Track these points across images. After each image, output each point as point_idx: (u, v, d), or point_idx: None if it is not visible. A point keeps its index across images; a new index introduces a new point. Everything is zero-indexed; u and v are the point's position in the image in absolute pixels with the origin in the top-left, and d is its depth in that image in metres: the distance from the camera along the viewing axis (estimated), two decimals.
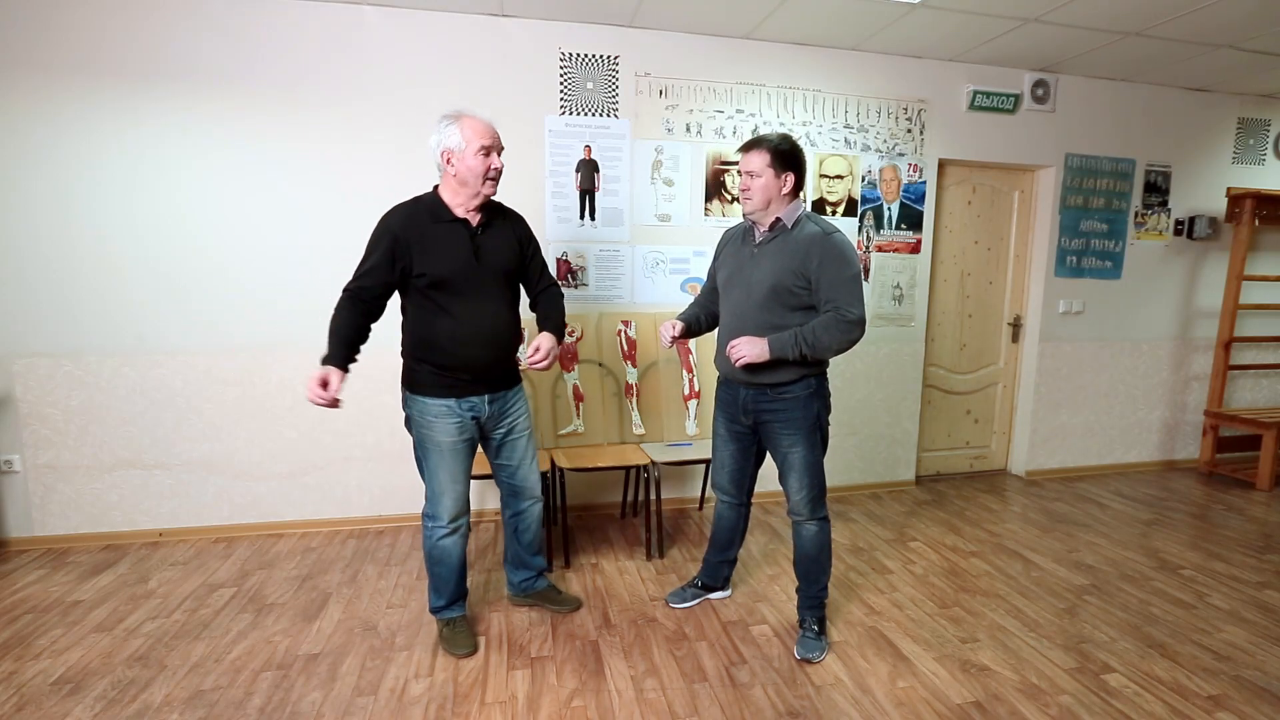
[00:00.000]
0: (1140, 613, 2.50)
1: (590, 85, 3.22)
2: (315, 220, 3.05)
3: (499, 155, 2.04)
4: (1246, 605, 2.56)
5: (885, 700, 1.97)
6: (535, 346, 2.13)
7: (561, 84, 3.19)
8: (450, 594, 2.23)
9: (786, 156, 2.04)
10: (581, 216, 3.30)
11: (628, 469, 3.27)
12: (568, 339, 3.20)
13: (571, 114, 3.22)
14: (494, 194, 2.09)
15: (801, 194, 2.19)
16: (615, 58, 3.22)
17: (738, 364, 2.03)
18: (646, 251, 3.39)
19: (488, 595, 2.58)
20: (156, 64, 2.83)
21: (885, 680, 2.07)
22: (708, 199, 3.42)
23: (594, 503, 3.50)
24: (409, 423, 2.19)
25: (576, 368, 3.21)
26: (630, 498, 3.44)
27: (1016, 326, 4.16)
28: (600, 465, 2.89)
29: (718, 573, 2.51)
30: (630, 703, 1.94)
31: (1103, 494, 3.90)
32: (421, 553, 2.96)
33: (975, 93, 3.63)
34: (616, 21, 3.15)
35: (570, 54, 3.18)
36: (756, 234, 2.15)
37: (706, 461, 2.96)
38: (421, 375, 2.14)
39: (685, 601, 2.49)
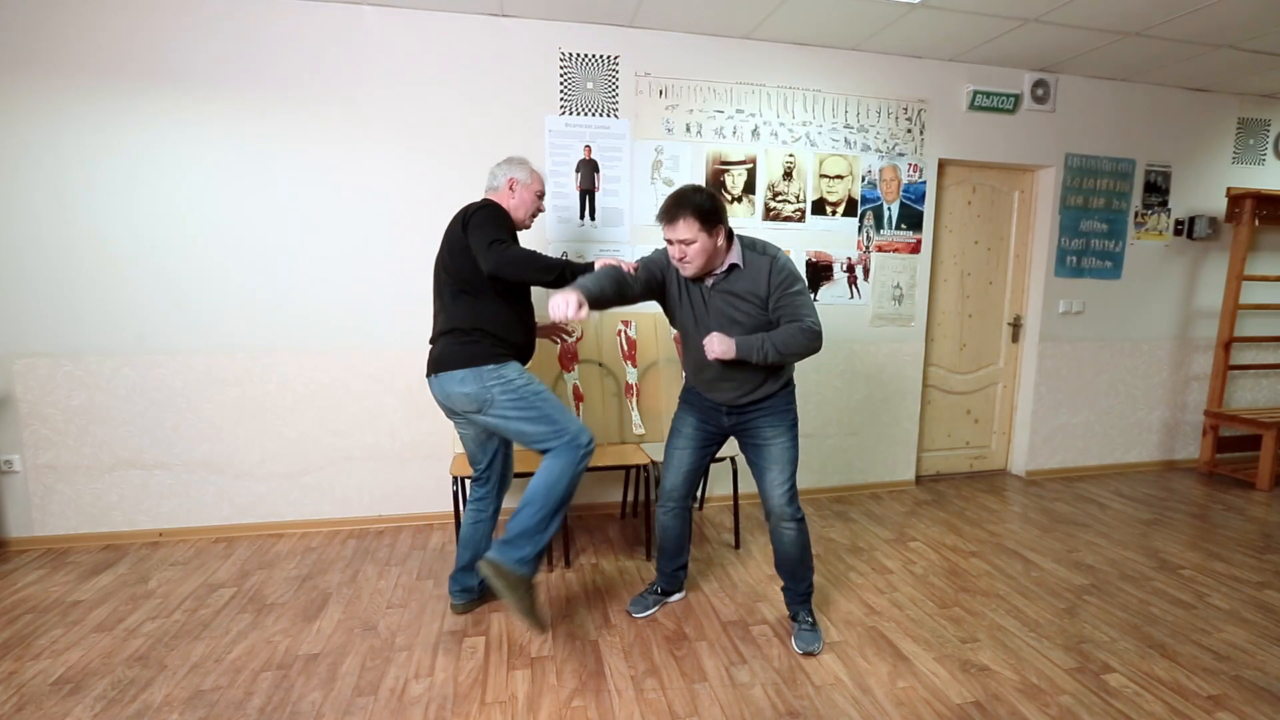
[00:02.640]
0: (1140, 613, 2.50)
1: (590, 85, 3.22)
2: (315, 220, 3.05)
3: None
4: (1246, 605, 2.56)
5: (885, 700, 1.97)
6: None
7: (561, 84, 3.19)
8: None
9: (710, 214, 1.96)
10: (581, 216, 3.30)
11: (628, 469, 3.27)
12: (567, 339, 3.20)
13: (571, 114, 3.22)
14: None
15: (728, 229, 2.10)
16: (615, 58, 3.22)
17: (711, 359, 2.05)
18: (646, 251, 3.37)
19: (488, 595, 2.58)
20: (157, 64, 2.83)
21: (885, 680, 2.07)
22: None
23: (594, 503, 3.50)
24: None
25: (576, 368, 3.20)
26: (630, 498, 3.44)
27: (1016, 326, 4.16)
28: (600, 465, 2.89)
29: (675, 579, 2.52)
30: (630, 703, 1.94)
31: (1103, 494, 3.90)
32: (422, 553, 2.98)
33: (975, 93, 3.63)
34: (616, 21, 3.15)
35: (570, 54, 3.18)
36: (708, 278, 2.10)
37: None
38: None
39: (647, 609, 2.45)
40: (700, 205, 1.96)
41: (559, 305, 1.77)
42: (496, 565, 1.99)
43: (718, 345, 2.03)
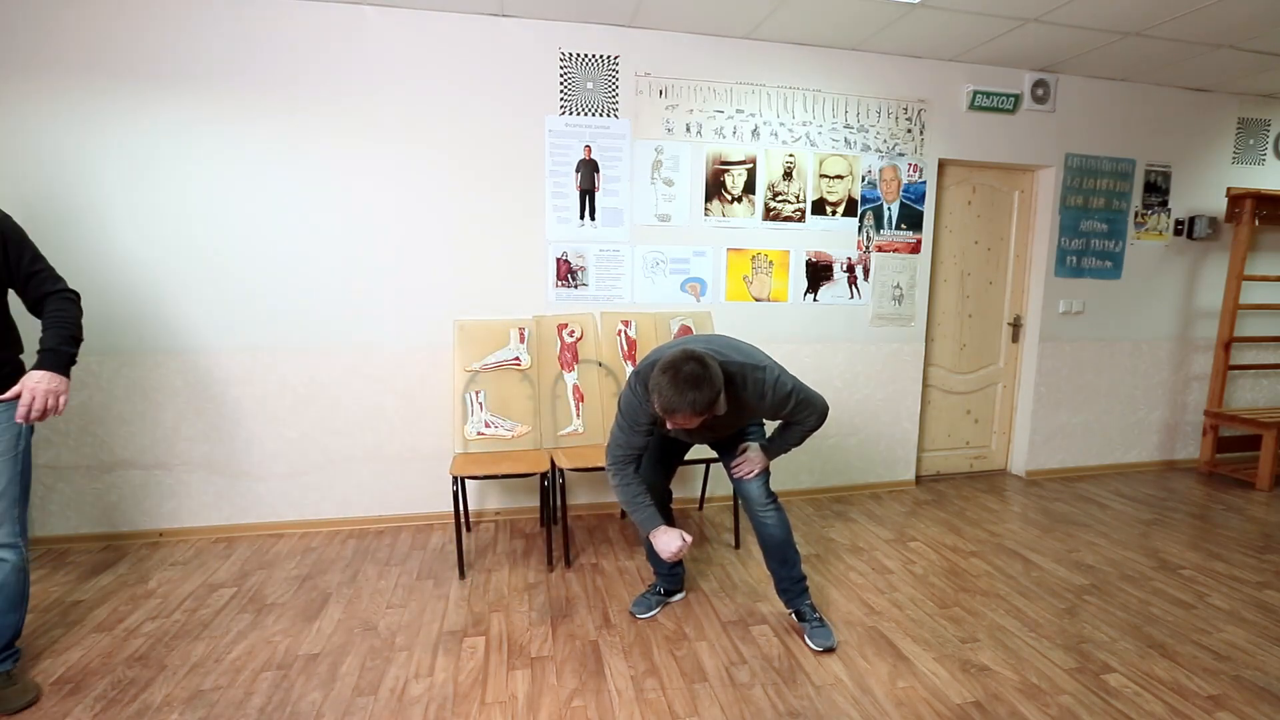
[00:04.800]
0: (1140, 613, 2.50)
1: (590, 85, 3.22)
2: (315, 220, 3.05)
3: None
4: (1246, 605, 2.56)
5: (885, 700, 1.97)
6: (19, 389, 1.82)
7: (561, 84, 3.19)
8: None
9: (712, 401, 1.85)
10: (581, 216, 3.30)
11: None
12: (567, 338, 3.21)
13: (571, 114, 3.22)
14: None
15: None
16: (615, 58, 3.22)
17: (748, 477, 2.24)
18: (646, 251, 3.39)
19: (488, 595, 2.58)
20: (157, 64, 2.83)
21: (885, 680, 2.07)
22: (708, 199, 3.42)
23: (594, 503, 3.50)
24: None
25: (576, 368, 3.21)
26: None
27: (1016, 326, 4.16)
28: (600, 465, 2.88)
29: (674, 577, 2.52)
30: (630, 703, 1.94)
31: (1103, 494, 3.90)
32: (422, 553, 2.98)
33: (975, 93, 3.63)
34: (616, 21, 3.15)
35: (570, 54, 3.18)
36: None
37: (706, 461, 2.96)
38: None
39: (650, 610, 2.46)
40: (699, 404, 1.82)
41: (675, 547, 2.04)
42: None
43: (758, 463, 2.21)
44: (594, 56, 3.20)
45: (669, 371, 1.83)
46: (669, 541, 2.04)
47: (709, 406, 1.85)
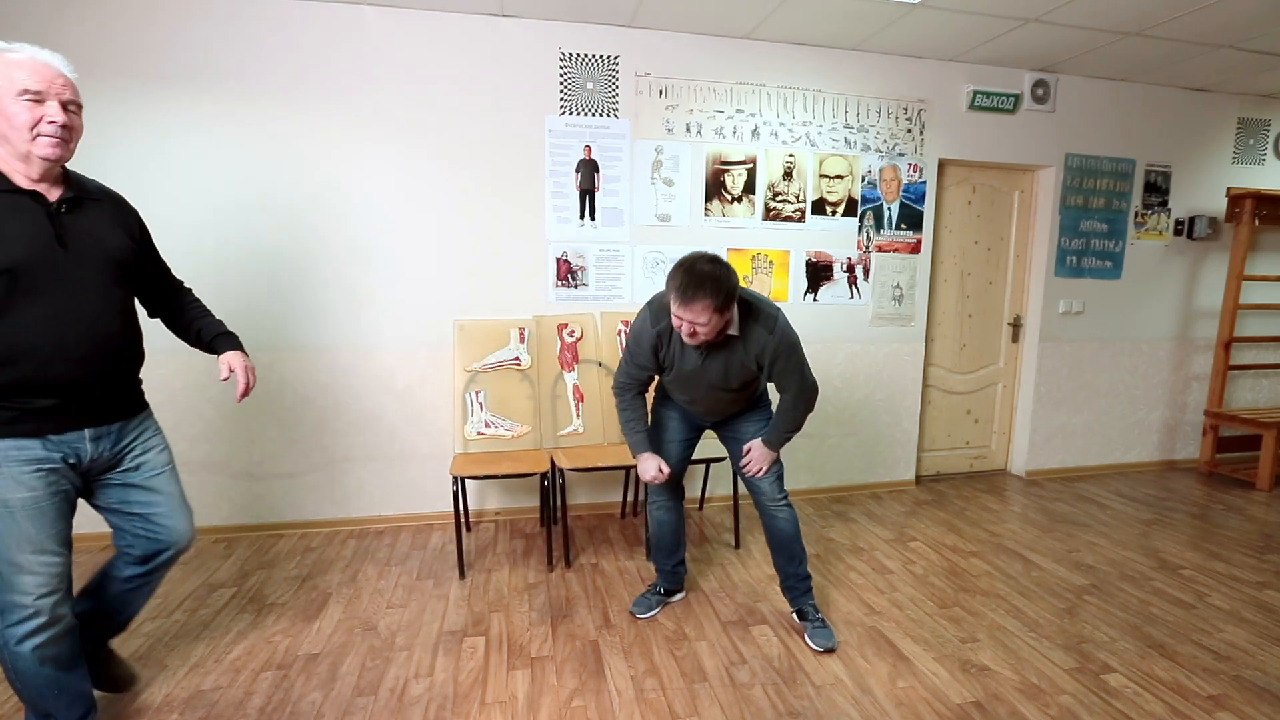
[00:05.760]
0: (1140, 613, 2.50)
1: (590, 85, 3.22)
2: (315, 220, 3.05)
3: (66, 109, 1.44)
4: (1246, 605, 2.56)
5: (885, 700, 1.97)
6: (229, 368, 1.81)
7: (561, 84, 3.19)
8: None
9: (727, 300, 1.88)
10: (581, 216, 3.30)
11: (628, 469, 3.26)
12: (567, 338, 3.21)
13: (571, 114, 3.22)
14: (58, 158, 1.45)
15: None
16: (615, 58, 3.22)
17: (759, 475, 2.25)
18: (646, 251, 3.39)
19: (488, 595, 2.58)
20: (156, 64, 2.83)
21: (885, 680, 2.07)
22: (708, 199, 3.42)
23: (594, 503, 3.50)
24: None
25: (576, 368, 3.21)
26: (630, 498, 3.44)
27: (1016, 326, 4.16)
28: (600, 465, 2.89)
29: (676, 576, 2.52)
30: (630, 703, 1.94)
31: (1103, 494, 3.90)
32: (422, 553, 2.98)
33: (975, 93, 3.63)
34: (616, 21, 3.15)
35: (570, 54, 3.18)
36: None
37: (707, 461, 2.96)
38: None
39: (651, 610, 2.45)
40: (718, 292, 1.85)
41: (652, 473, 2.19)
42: None
43: (762, 459, 2.23)
44: (594, 56, 3.20)
45: (686, 264, 1.89)
46: (647, 467, 2.20)
47: (724, 302, 1.86)
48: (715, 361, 2.08)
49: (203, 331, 1.88)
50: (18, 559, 1.46)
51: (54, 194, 1.49)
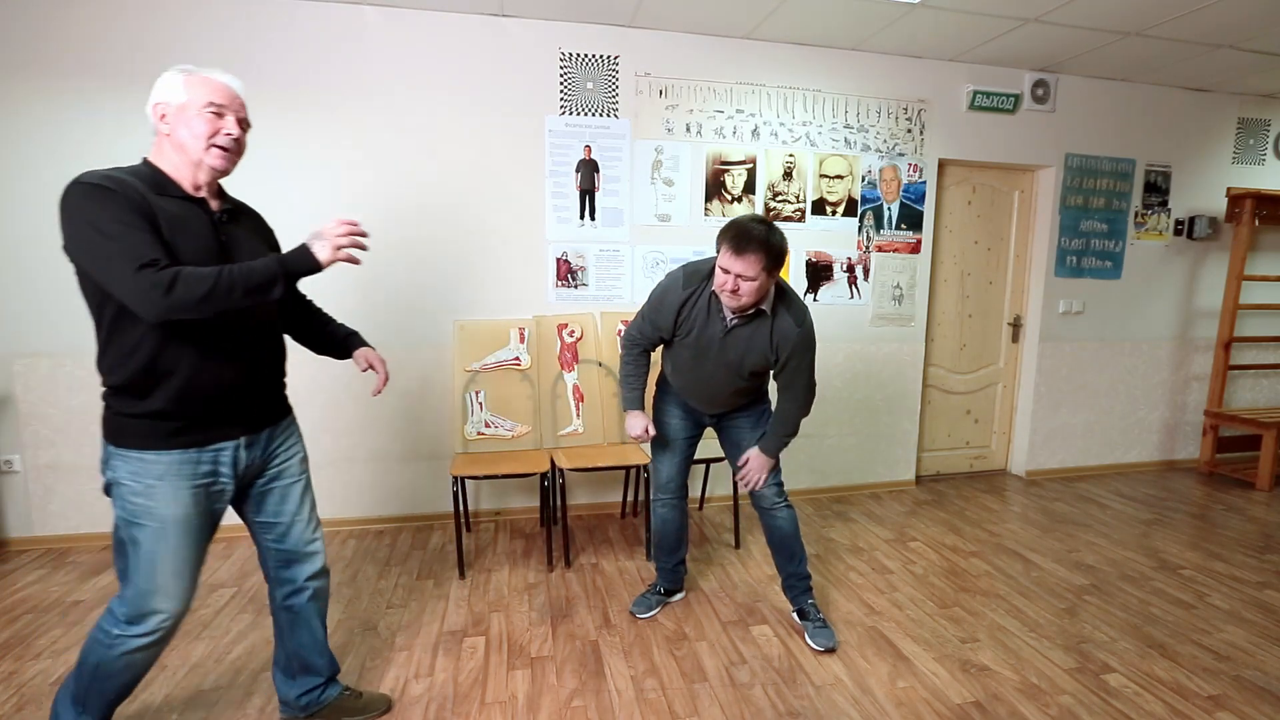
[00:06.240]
0: (1140, 613, 2.50)
1: (590, 85, 3.22)
2: (315, 220, 3.04)
3: (240, 125, 1.53)
4: (1246, 605, 2.56)
5: (885, 700, 1.97)
6: (367, 363, 1.84)
7: (561, 84, 3.19)
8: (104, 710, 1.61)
9: (779, 261, 1.91)
10: (581, 216, 3.30)
11: (628, 469, 3.27)
12: (567, 338, 3.21)
13: (571, 114, 3.22)
14: (225, 170, 1.52)
15: None
16: (615, 58, 3.22)
17: (758, 487, 2.23)
18: (646, 251, 3.39)
19: (488, 595, 2.58)
20: (157, 64, 2.79)
21: (885, 680, 2.07)
22: (708, 199, 3.42)
23: (594, 503, 3.50)
24: (109, 489, 1.47)
25: (576, 368, 3.21)
26: (630, 498, 3.44)
27: (1016, 326, 4.16)
28: (600, 465, 2.90)
29: (676, 576, 2.52)
30: (630, 703, 1.94)
31: (1103, 494, 3.90)
32: (422, 553, 2.98)
33: (975, 93, 3.63)
34: (616, 21, 3.15)
35: (570, 54, 3.18)
36: (727, 315, 2.04)
37: (707, 461, 2.96)
38: (132, 417, 1.45)
39: (651, 610, 2.46)
40: (773, 251, 1.88)
41: (638, 431, 2.21)
42: None
43: (761, 469, 2.20)
44: (594, 56, 3.20)
45: (742, 220, 1.93)
46: (634, 424, 2.24)
47: (773, 263, 1.90)
48: (737, 339, 2.06)
49: (335, 332, 1.90)
50: (158, 576, 1.46)
51: (214, 204, 1.54)
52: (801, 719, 1.89)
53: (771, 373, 2.16)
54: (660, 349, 2.28)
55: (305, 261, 1.48)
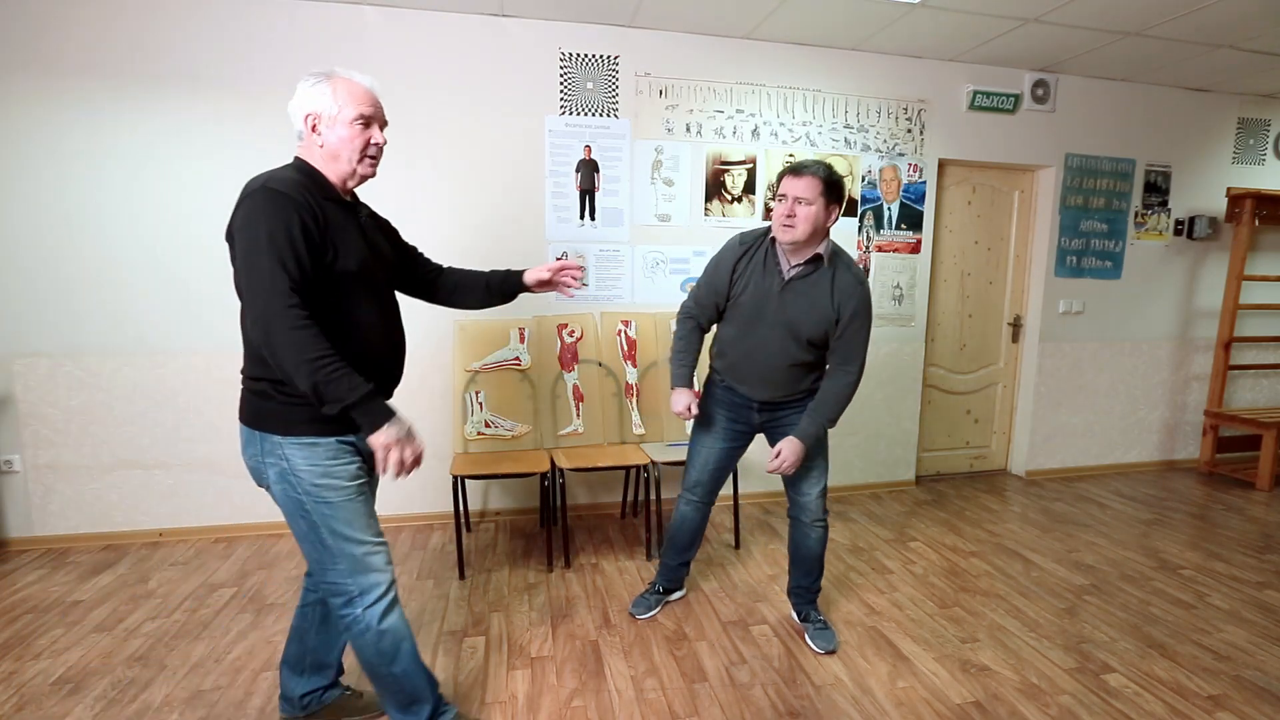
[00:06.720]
0: (1140, 613, 2.50)
1: (590, 85, 3.22)
2: None
3: (381, 129, 1.57)
4: (1246, 605, 2.56)
5: (885, 700, 1.97)
6: (550, 273, 1.90)
7: (561, 84, 3.19)
8: (433, 689, 1.69)
9: (838, 188, 1.94)
10: (581, 216, 3.30)
11: (628, 469, 3.27)
12: (567, 338, 3.21)
13: (571, 114, 3.22)
14: (372, 176, 1.59)
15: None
16: (615, 58, 3.22)
17: (788, 472, 2.06)
18: (646, 251, 3.39)
19: (488, 595, 2.58)
20: (157, 64, 2.83)
21: (885, 680, 2.07)
22: (708, 199, 3.42)
23: (594, 503, 3.50)
24: (275, 479, 1.56)
25: (576, 368, 3.21)
26: (630, 498, 3.44)
27: (1016, 326, 4.16)
28: (600, 465, 2.90)
29: (677, 575, 2.49)
30: (630, 703, 1.94)
31: (1103, 494, 3.90)
32: (422, 553, 2.97)
33: (975, 93, 3.63)
34: (616, 21, 3.15)
35: (570, 54, 3.18)
36: (785, 265, 2.01)
37: None
38: (300, 407, 1.45)
39: (650, 610, 2.43)
40: (831, 175, 1.93)
41: (680, 408, 2.12)
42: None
43: (793, 453, 2.02)
44: (594, 56, 3.20)
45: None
46: (678, 400, 2.14)
47: (831, 190, 1.92)
48: (795, 294, 2.00)
49: (491, 278, 1.95)
50: (366, 537, 1.57)
51: (358, 208, 1.61)
52: (801, 719, 1.89)
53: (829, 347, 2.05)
54: (710, 337, 2.23)
55: (367, 419, 1.43)
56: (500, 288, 1.93)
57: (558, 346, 3.19)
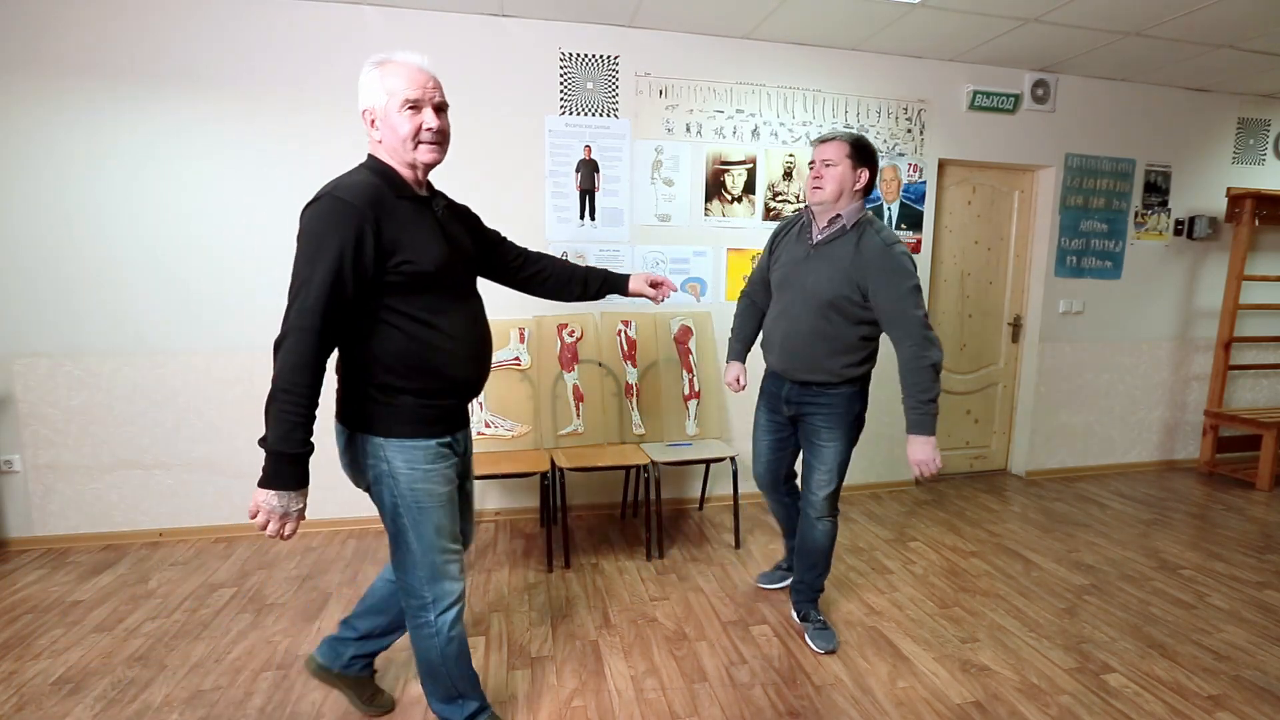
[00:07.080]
0: (1140, 613, 2.50)
1: (590, 85, 3.22)
2: None
3: (439, 113, 1.55)
4: (1246, 605, 2.56)
5: (885, 700, 1.97)
6: (651, 282, 1.97)
7: (561, 84, 3.19)
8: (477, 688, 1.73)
9: (864, 151, 2.01)
10: (581, 216, 3.30)
11: (628, 469, 3.26)
12: (567, 338, 3.21)
13: (571, 114, 3.22)
14: (436, 162, 1.59)
15: (865, 199, 2.07)
16: (615, 58, 3.22)
17: (929, 475, 2.02)
18: (646, 251, 3.39)
19: (488, 595, 2.58)
20: (157, 64, 2.83)
21: (885, 680, 2.07)
22: (708, 199, 3.42)
23: (594, 503, 3.50)
24: (376, 481, 1.58)
25: (576, 368, 3.21)
26: (630, 498, 3.44)
27: (1016, 326, 4.16)
28: (600, 465, 2.90)
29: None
30: (630, 703, 1.94)
31: (1103, 494, 3.90)
32: None
33: (975, 93, 3.63)
34: (616, 21, 3.15)
35: (570, 54, 3.18)
36: (814, 230, 2.09)
37: (706, 461, 2.96)
38: (401, 409, 1.50)
39: (775, 582, 2.60)
40: (855, 138, 2.01)
41: (729, 379, 2.39)
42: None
43: (923, 453, 1.99)
44: (594, 56, 3.20)
45: None
46: (728, 373, 2.41)
47: (858, 154, 1.98)
48: (819, 260, 2.04)
49: (590, 275, 1.93)
50: (447, 544, 1.55)
51: (434, 199, 1.59)
52: (801, 719, 1.89)
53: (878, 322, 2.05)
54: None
55: (278, 475, 1.41)
56: (599, 288, 1.94)
57: (558, 346, 3.19)
